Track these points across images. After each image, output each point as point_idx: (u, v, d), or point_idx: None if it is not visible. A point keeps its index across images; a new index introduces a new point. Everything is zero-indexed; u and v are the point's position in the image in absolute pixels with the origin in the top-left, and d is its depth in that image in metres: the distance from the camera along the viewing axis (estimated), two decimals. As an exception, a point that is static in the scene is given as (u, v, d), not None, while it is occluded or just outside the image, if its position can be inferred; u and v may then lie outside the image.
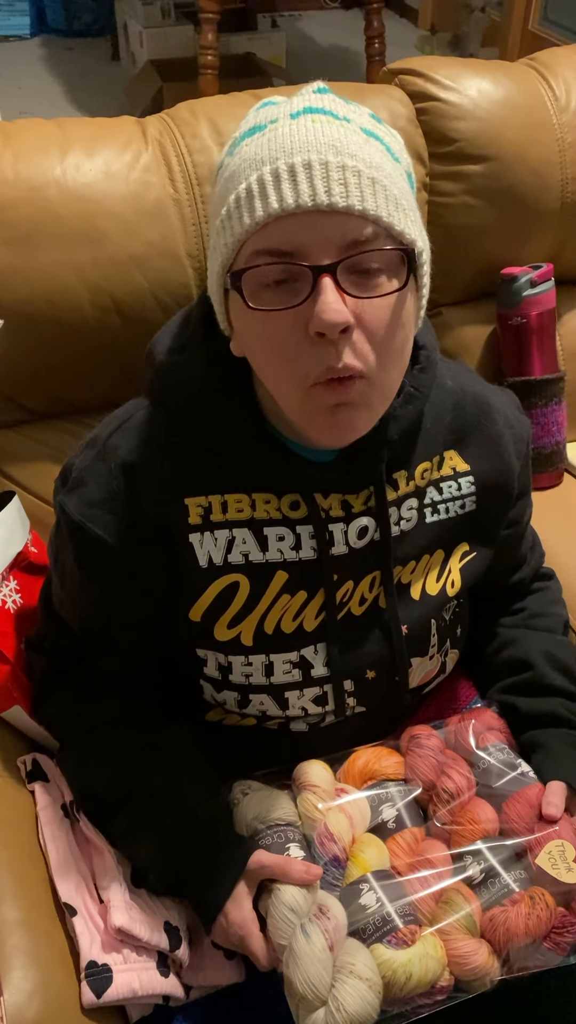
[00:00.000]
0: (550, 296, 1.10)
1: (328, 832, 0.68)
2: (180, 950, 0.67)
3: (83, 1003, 0.64)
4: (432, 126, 1.03)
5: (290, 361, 0.60)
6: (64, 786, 0.75)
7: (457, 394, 0.75)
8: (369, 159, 0.58)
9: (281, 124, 0.59)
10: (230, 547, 0.68)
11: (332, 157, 0.56)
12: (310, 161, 0.56)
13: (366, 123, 0.61)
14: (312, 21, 3.79)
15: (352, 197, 0.56)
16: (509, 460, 0.76)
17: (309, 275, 0.57)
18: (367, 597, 0.72)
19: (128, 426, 0.70)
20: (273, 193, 0.56)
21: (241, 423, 0.67)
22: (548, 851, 0.66)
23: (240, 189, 0.58)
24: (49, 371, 0.91)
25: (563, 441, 1.17)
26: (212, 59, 2.38)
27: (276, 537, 0.69)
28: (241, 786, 0.72)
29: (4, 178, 0.85)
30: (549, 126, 1.06)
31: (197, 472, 0.68)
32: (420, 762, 0.73)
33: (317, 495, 0.69)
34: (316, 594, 0.70)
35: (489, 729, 0.76)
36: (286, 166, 0.56)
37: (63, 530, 0.70)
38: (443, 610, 0.76)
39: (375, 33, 2.52)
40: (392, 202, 0.58)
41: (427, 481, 0.73)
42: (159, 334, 0.72)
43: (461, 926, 0.64)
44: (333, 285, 0.57)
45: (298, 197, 0.56)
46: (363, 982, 0.60)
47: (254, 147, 0.59)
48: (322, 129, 0.58)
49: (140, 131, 0.93)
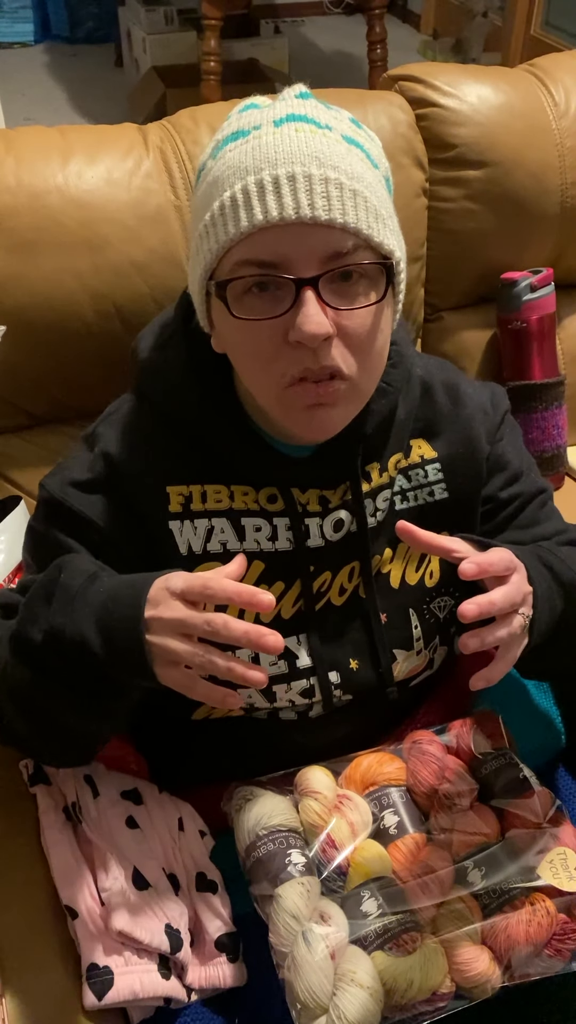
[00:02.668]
0: (550, 300, 1.10)
1: (330, 839, 0.68)
2: (181, 952, 0.68)
3: (84, 1005, 0.64)
4: (432, 132, 1.03)
5: (269, 362, 0.61)
6: (67, 789, 0.75)
7: (426, 382, 0.76)
8: (351, 170, 0.59)
9: (264, 131, 0.59)
10: (209, 536, 0.70)
11: (315, 169, 0.57)
12: (294, 173, 0.57)
13: (346, 130, 0.62)
14: (315, 27, 3.81)
15: (335, 210, 0.57)
16: (478, 441, 0.76)
17: (292, 287, 0.58)
18: (347, 587, 0.74)
19: (114, 418, 0.73)
20: (257, 204, 0.57)
21: (221, 417, 0.69)
22: (550, 859, 0.66)
23: (224, 197, 0.59)
24: (51, 376, 0.91)
25: (564, 445, 1.17)
26: (215, 65, 2.39)
27: (253, 528, 0.71)
28: (242, 792, 0.72)
29: (6, 185, 0.86)
30: (549, 131, 1.07)
31: (179, 462, 0.70)
32: (422, 767, 0.73)
33: (295, 490, 0.71)
34: (293, 584, 0.72)
35: (491, 734, 0.76)
36: (270, 177, 0.57)
37: (41, 511, 0.71)
38: (425, 602, 0.77)
39: (377, 38, 2.53)
40: (372, 214, 0.59)
41: (397, 471, 0.75)
42: (143, 332, 0.75)
43: (462, 933, 0.64)
44: (315, 297, 0.58)
45: (282, 210, 0.57)
46: (364, 990, 0.60)
47: (238, 154, 0.60)
48: (305, 139, 0.58)
49: (141, 138, 0.93)
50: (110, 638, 0.60)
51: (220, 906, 0.72)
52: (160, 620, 0.58)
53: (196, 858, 0.75)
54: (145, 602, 0.59)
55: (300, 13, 3.85)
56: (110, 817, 0.73)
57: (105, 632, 0.60)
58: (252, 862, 0.68)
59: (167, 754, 0.81)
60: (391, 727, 0.82)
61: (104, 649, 0.60)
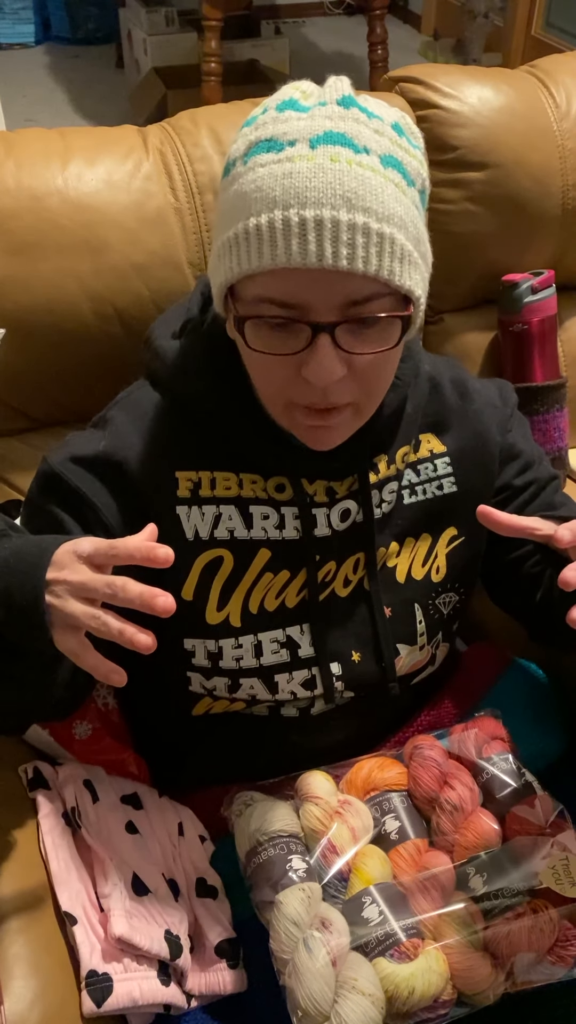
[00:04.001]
0: (551, 302, 1.10)
1: (331, 844, 0.67)
2: (181, 959, 0.67)
3: (83, 1012, 0.63)
4: (433, 133, 1.03)
5: (279, 388, 0.63)
6: (66, 794, 0.75)
7: (434, 378, 0.77)
8: (382, 209, 0.58)
9: (299, 152, 0.58)
10: (216, 522, 0.71)
11: (344, 215, 0.57)
12: (322, 217, 0.57)
13: (387, 147, 0.60)
14: (315, 27, 3.81)
15: (358, 259, 0.57)
16: (488, 434, 0.78)
17: (309, 331, 0.59)
18: (351, 579, 0.74)
19: (126, 402, 0.73)
20: (281, 243, 0.57)
21: (233, 404, 0.70)
22: (552, 865, 0.66)
23: (250, 224, 0.59)
24: (51, 379, 0.91)
25: (565, 448, 1.17)
26: (216, 66, 2.39)
27: (261, 516, 0.71)
28: (243, 797, 0.72)
29: (6, 188, 0.86)
30: (550, 133, 1.06)
31: (189, 448, 0.71)
32: (423, 772, 0.73)
33: (303, 480, 0.71)
34: (298, 573, 0.72)
35: (493, 738, 0.76)
36: (297, 218, 0.57)
37: (39, 482, 0.70)
38: (430, 597, 0.77)
39: (378, 39, 2.52)
40: (397, 257, 0.59)
41: (406, 464, 0.75)
42: (157, 321, 0.76)
43: (464, 940, 0.63)
44: (330, 342, 0.59)
45: (305, 256, 0.57)
46: (366, 997, 0.60)
47: (269, 176, 0.58)
48: (338, 175, 0.57)
49: (141, 140, 0.93)
50: (7, 594, 0.58)
51: (220, 912, 0.72)
52: (62, 582, 0.56)
53: (196, 863, 0.74)
54: (49, 563, 0.57)
55: (301, 14, 3.85)
56: (110, 822, 0.73)
57: (3, 588, 0.58)
58: (253, 868, 0.68)
59: (167, 754, 0.81)
60: (392, 730, 0.82)
61: (0, 606, 0.58)
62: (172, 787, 0.80)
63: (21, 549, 0.60)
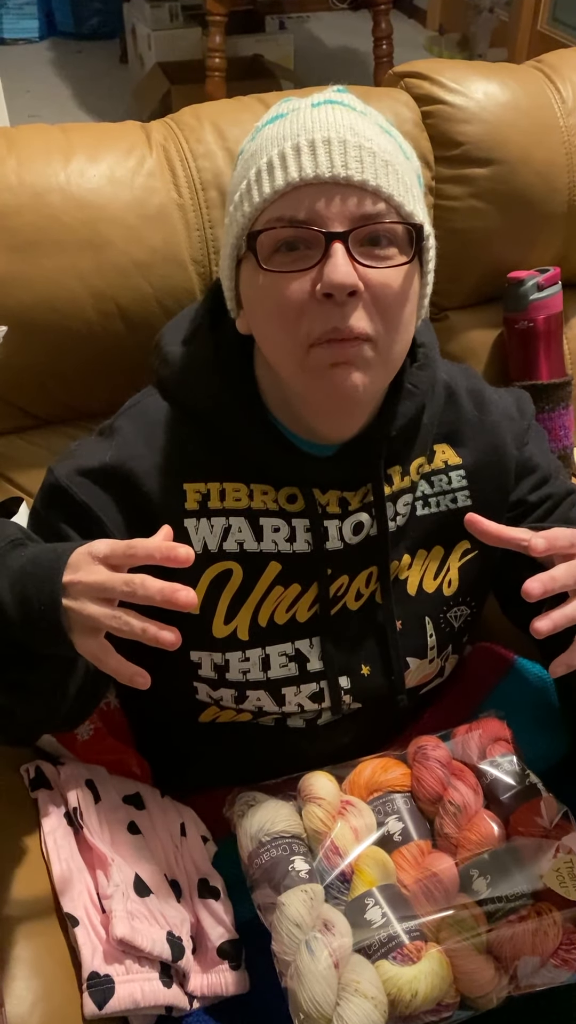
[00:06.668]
0: (557, 300, 1.09)
1: (333, 845, 0.67)
2: (183, 960, 0.67)
3: (85, 1014, 0.63)
4: (438, 129, 1.02)
5: (295, 320, 0.61)
6: (68, 794, 0.75)
7: (450, 387, 0.76)
8: (384, 146, 0.62)
9: (303, 110, 0.63)
10: (226, 535, 0.69)
11: (350, 137, 0.61)
12: (329, 138, 0.60)
13: (381, 122, 0.65)
14: (320, 23, 3.79)
15: (367, 172, 0.60)
16: (504, 447, 0.76)
17: (322, 240, 0.60)
18: (363, 592, 0.73)
19: (134, 411, 0.72)
20: (293, 163, 0.60)
21: (243, 411, 0.69)
22: (556, 868, 0.65)
23: (261, 163, 0.62)
24: (53, 377, 0.91)
25: (570, 446, 1.16)
26: (220, 61, 2.38)
27: (271, 528, 0.70)
28: (245, 798, 0.72)
29: (8, 184, 0.85)
30: (556, 129, 1.05)
31: (197, 458, 0.70)
32: (426, 774, 0.72)
33: (315, 490, 0.70)
34: (310, 587, 0.71)
35: (497, 740, 0.76)
36: (307, 141, 0.60)
37: (45, 495, 0.70)
38: (442, 611, 0.76)
39: (383, 34, 2.51)
40: (403, 185, 0.62)
41: (420, 475, 0.74)
42: (167, 327, 0.75)
43: (467, 942, 0.63)
44: (344, 251, 0.60)
45: (316, 167, 0.59)
46: (368, 1000, 0.59)
47: (276, 129, 0.63)
48: (342, 115, 0.62)
49: (144, 136, 0.92)
50: (26, 600, 0.57)
51: (222, 913, 0.71)
52: (80, 584, 0.56)
53: (198, 864, 0.74)
54: (65, 566, 0.57)
55: (305, 9, 3.83)
56: (111, 823, 0.72)
57: (21, 595, 0.58)
58: (255, 869, 0.67)
59: (171, 758, 0.81)
60: (396, 732, 0.81)
61: (19, 611, 0.58)
62: (174, 788, 0.80)
63: (38, 556, 0.60)
